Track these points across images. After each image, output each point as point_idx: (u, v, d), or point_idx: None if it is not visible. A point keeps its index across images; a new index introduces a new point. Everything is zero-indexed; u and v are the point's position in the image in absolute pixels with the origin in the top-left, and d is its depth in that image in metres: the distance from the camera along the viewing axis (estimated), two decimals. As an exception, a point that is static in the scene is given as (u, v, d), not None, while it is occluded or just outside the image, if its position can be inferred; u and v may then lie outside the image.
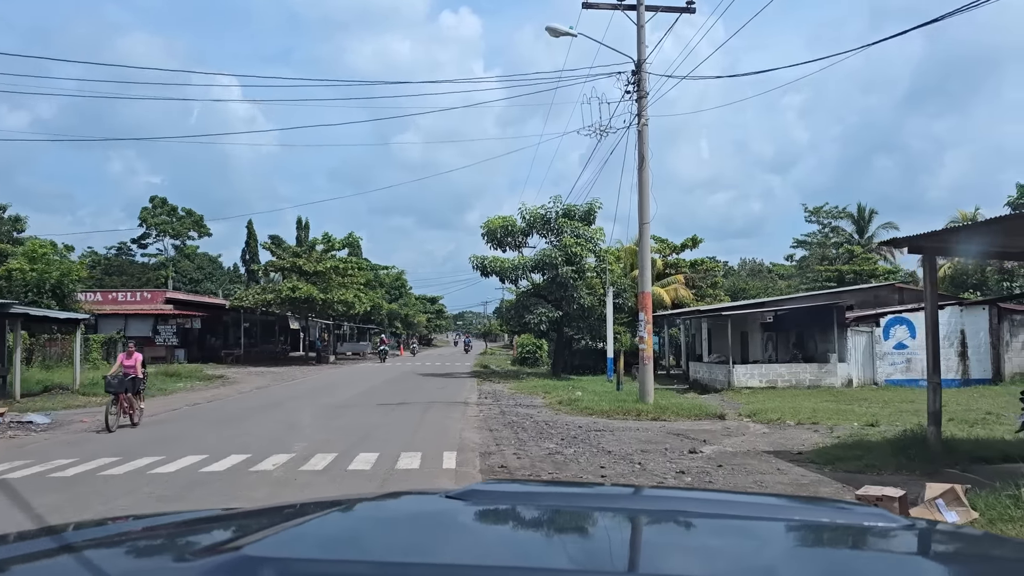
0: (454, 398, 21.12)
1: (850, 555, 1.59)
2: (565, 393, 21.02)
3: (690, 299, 43.02)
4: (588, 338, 35.72)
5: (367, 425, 14.76)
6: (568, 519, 1.75)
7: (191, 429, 14.62)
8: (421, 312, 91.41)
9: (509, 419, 15.83)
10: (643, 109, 17.48)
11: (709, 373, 26.59)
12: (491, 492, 1.88)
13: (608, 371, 29.63)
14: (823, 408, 17.43)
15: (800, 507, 2.07)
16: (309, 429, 14.27)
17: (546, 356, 41.08)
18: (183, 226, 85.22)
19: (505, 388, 25.58)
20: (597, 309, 31.30)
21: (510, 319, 32.12)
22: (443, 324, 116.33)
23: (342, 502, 1.83)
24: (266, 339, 60.98)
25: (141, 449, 11.77)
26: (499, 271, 31.20)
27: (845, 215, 64.62)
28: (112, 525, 1.77)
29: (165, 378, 30.08)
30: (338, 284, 47.90)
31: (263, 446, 11.91)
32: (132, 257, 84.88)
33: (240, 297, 46.50)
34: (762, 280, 72.59)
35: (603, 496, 2.09)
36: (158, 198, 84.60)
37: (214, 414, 17.53)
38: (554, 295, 31.14)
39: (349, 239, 53.10)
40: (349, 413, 17.11)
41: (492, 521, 1.74)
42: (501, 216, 32.01)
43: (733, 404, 19.71)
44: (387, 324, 73.78)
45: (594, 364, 36.35)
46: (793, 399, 20.29)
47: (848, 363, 24.30)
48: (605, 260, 31.51)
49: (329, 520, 1.64)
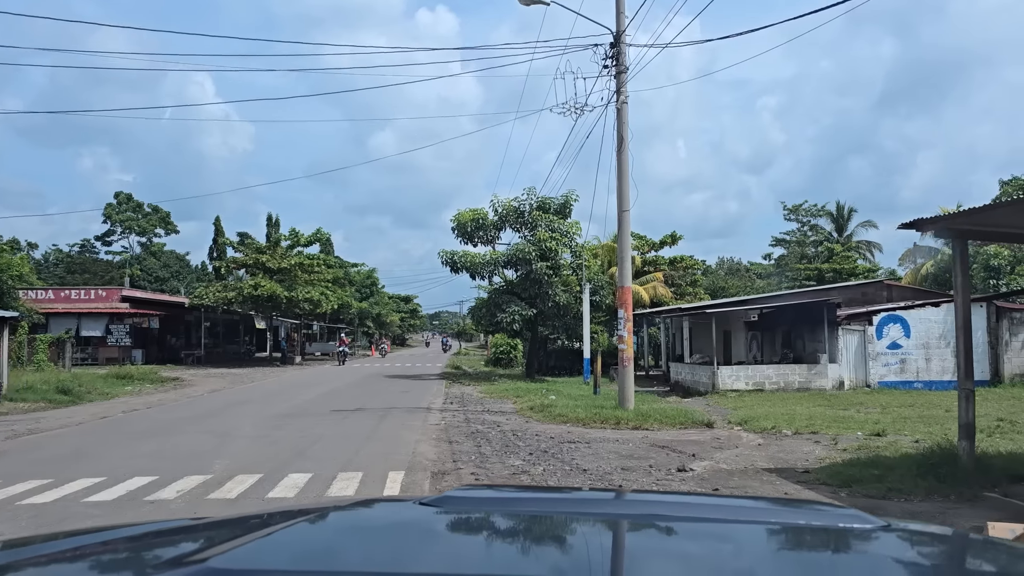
0: (417, 403, 19.34)
1: (829, 557, 1.58)
2: (538, 397, 19.32)
3: (669, 297, 41.63)
4: (564, 338, 34.06)
5: (311, 437, 12.95)
6: (546, 526, 1.73)
7: (104, 442, 12.71)
8: (394, 311, 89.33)
9: (473, 428, 14.09)
10: (622, 85, 15.82)
11: (692, 375, 25.02)
12: (466, 498, 1.87)
13: (584, 373, 27.98)
14: (819, 414, 15.87)
15: (778, 509, 2.04)
16: (243, 442, 12.43)
17: (521, 357, 39.36)
18: (149, 223, 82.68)
19: (475, 391, 23.84)
20: (573, 307, 29.65)
21: (481, 318, 30.35)
22: (417, 324, 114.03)
23: (311, 511, 1.79)
24: (231, 339, 58.72)
25: (30, 469, 9.88)
26: (470, 267, 29.41)
27: (824, 213, 64.34)
28: (68, 540, 1.62)
29: (115, 380, 28.04)
30: (304, 282, 45.87)
31: (177, 466, 10.07)
32: (96, 255, 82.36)
33: (200, 295, 44.23)
34: (740, 279, 72.11)
35: (582, 501, 2.06)
36: (123, 194, 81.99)
37: (144, 423, 15.61)
38: (528, 292, 29.44)
39: (317, 235, 50.86)
40: (296, 422, 15.28)
41: (468, 529, 1.69)
42: (472, 209, 30.24)
43: (720, 410, 18.12)
44: (358, 323, 71.67)
45: (570, 365, 34.73)
46: (784, 403, 18.75)
47: (839, 364, 22.83)
48: (582, 255, 29.85)
49: (297, 530, 1.59)
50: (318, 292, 45.16)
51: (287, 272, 45.36)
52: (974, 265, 42.18)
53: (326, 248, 77.62)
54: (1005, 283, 42.09)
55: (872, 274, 51.74)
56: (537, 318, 29.98)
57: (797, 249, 67.07)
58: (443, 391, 23.98)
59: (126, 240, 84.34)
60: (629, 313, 15.68)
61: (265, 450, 11.52)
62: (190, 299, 45.34)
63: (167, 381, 30.27)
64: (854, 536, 1.60)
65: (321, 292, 45.90)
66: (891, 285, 30.51)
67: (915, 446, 11.46)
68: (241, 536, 1.50)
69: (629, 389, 15.65)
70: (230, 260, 47.81)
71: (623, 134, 15.76)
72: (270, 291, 42.68)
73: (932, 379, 22.72)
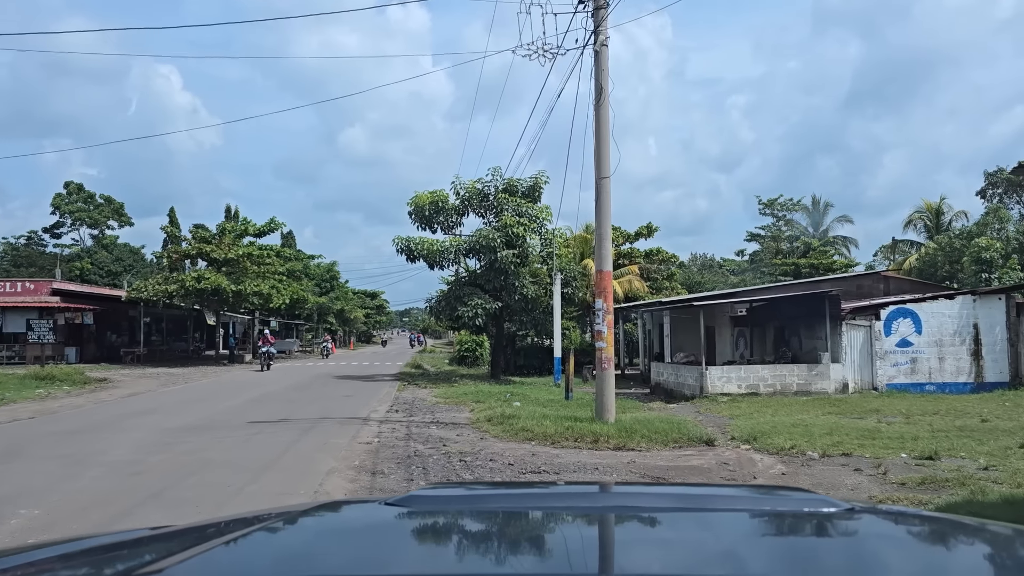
0: (356, 411, 16.23)
1: (798, 541, 1.58)
2: (499, 404, 16.29)
3: (645, 292, 38.92)
4: (533, 334, 31.13)
5: (194, 464, 9.82)
6: (516, 522, 1.70)
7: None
8: (359, 307, 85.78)
9: (412, 449, 11.04)
10: (601, 23, 12.86)
11: (675, 376, 22.18)
12: (433, 497, 1.84)
13: (555, 373, 25.04)
14: (836, 426, 13.06)
15: (747, 496, 2.04)
16: (98, 472, 9.28)
17: (487, 355, 36.30)
18: (101, 214, 78.13)
19: (429, 395, 20.78)
20: (543, 300, 26.70)
21: (440, 312, 27.23)
22: (384, 320, 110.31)
23: (271, 516, 1.74)
24: (179, 336, 55.04)
25: None
26: (427, 255, 26.27)
27: (800, 208, 62.86)
28: (12, 557, 1.49)
29: (32, 381, 24.76)
30: (255, 274, 42.40)
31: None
32: (44, 247, 77.92)
33: (138, 288, 40.59)
34: (714, 275, 70.24)
35: (552, 495, 2.04)
36: (74, 184, 77.45)
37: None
38: (492, 284, 26.41)
39: (271, 224, 47.12)
40: (193, 439, 12.14)
41: (435, 528, 1.66)
42: (431, 191, 27.10)
43: (715, 419, 15.28)
44: (317, 319, 68.13)
45: (540, 364, 31.78)
46: (787, 411, 15.96)
47: (843, 364, 20.12)
48: (552, 242, 26.87)
49: (258, 536, 1.56)
50: (268, 285, 41.72)
51: (235, 264, 41.88)
52: (963, 258, 39.94)
53: (288, 241, 73.97)
54: (996, 276, 39.75)
55: (849, 269, 50.01)
56: (503, 312, 26.97)
57: (772, 244, 66.20)
58: (393, 395, 20.88)
59: (77, 232, 79.97)
60: (610, 303, 12.74)
61: (116, 486, 8.39)
62: (127, 293, 41.62)
63: (91, 383, 26.99)
64: (822, 520, 1.61)
65: (272, 285, 42.47)
66: (888, 277, 27.99)
67: (988, 475, 8.69)
68: (199, 545, 1.42)
69: (609, 397, 12.70)
70: (171, 250, 44.09)
71: (602, 83, 12.81)
72: (215, 284, 39.20)
73: (946, 381, 20.10)
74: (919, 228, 52.16)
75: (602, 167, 12.87)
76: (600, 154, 12.87)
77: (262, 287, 41.01)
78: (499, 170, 27.14)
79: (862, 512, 1.71)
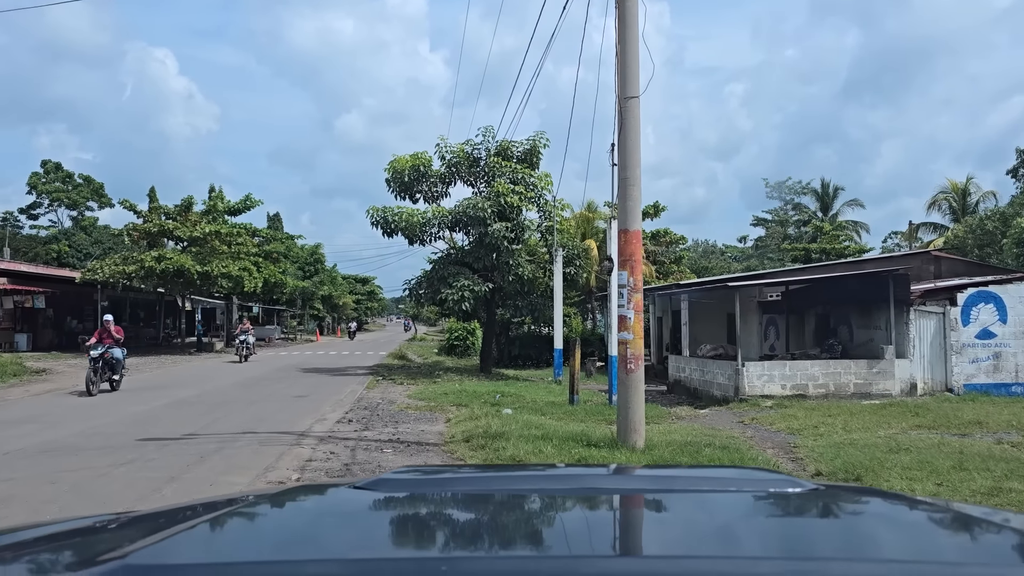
0: (295, 422, 12.36)
1: (767, 520, 1.58)
2: (484, 414, 12.37)
3: (651, 276, 35.08)
4: (529, 321, 27.28)
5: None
6: (483, 506, 1.68)
7: None
8: (348, 293, 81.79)
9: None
10: None
11: (702, 373, 18.37)
12: (403, 480, 1.82)
13: (556, 368, 21.23)
14: (955, 453, 9.24)
15: (717, 477, 2.03)
16: None
17: (479, 344, 32.47)
18: (80, 195, 73.94)
19: (402, 395, 16.95)
20: (541, 282, 22.84)
21: (421, 295, 23.33)
22: (375, 307, 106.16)
23: (239, 500, 1.71)
24: (150, 322, 51.15)
25: None
26: (406, 227, 22.34)
27: (808, 191, 59.74)
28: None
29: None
30: (225, 255, 38.43)
31: None
32: (20, 229, 74.02)
33: (93, 269, 36.60)
34: (716, 261, 67.16)
35: (519, 478, 2.02)
36: (51, 163, 73.17)
37: None
38: (482, 262, 22.52)
39: (246, 202, 43.10)
40: (32, 470, 8.32)
41: (404, 511, 1.63)
42: (412, 154, 23.18)
43: (770, 434, 11.49)
44: (300, 305, 64.19)
45: (536, 355, 28.00)
46: (861, 422, 12.16)
47: (910, 359, 16.33)
48: (553, 215, 22.94)
49: (225, 520, 1.53)
50: (238, 267, 37.78)
51: (203, 243, 37.96)
52: (1004, 240, 36.41)
53: (274, 224, 69.91)
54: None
55: (861, 255, 46.77)
56: (494, 296, 23.09)
57: (779, 229, 63.54)
58: (357, 395, 17.01)
59: (54, 214, 75.95)
60: (638, 277, 8.86)
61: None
62: (82, 274, 37.61)
63: (26, 374, 23.49)
64: (789, 499, 1.63)
65: (243, 267, 38.53)
66: (940, 257, 24.12)
67: None
68: (165, 529, 1.39)
69: (637, 411, 8.81)
70: (130, 227, 40.08)
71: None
72: (177, 264, 35.30)
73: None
74: (944, 210, 48.75)
75: (628, 83, 9.00)
76: (625, 65, 8.99)
77: (231, 268, 37.10)
78: (491, 130, 23.20)
79: (829, 490, 1.76)
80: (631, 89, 8.97)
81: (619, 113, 9.02)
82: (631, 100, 8.93)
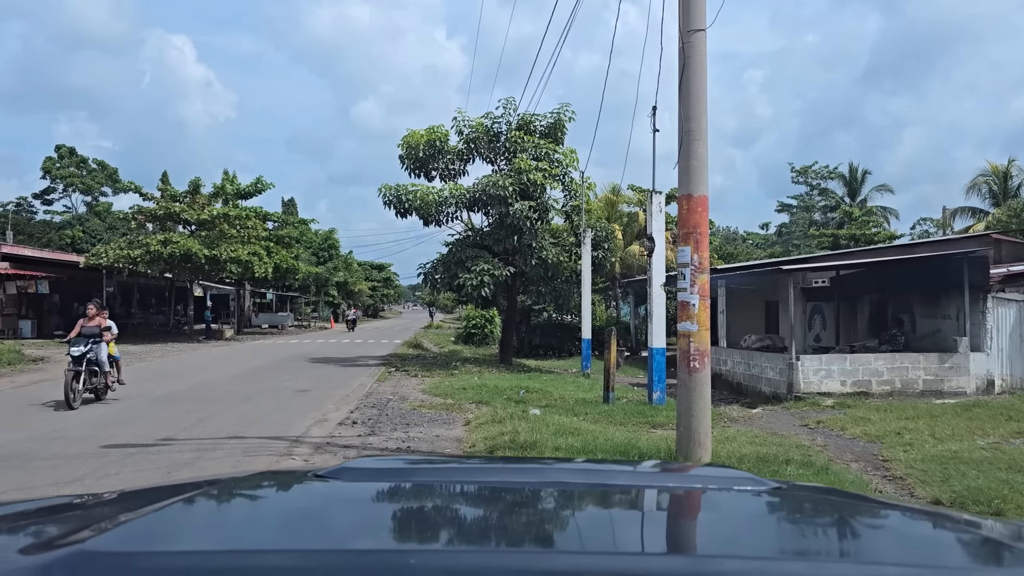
0: (291, 424, 10.74)
1: (725, 518, 1.53)
2: (509, 413, 10.69)
3: (674, 261, 33.29)
4: (552, 308, 25.57)
5: None
6: (443, 495, 1.65)
7: None
8: (363, 279, 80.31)
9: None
10: None
11: (747, 367, 16.59)
12: (364, 469, 1.76)
13: (584, 359, 19.52)
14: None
15: (679, 474, 2.02)
16: None
17: (499, 332, 30.78)
18: (95, 180, 72.88)
19: (416, 389, 15.32)
20: (567, 266, 21.08)
21: (437, 281, 21.62)
22: (391, 294, 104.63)
23: (200, 484, 1.66)
24: (160, 308, 49.90)
25: None
26: (420, 207, 20.64)
27: (836, 175, 57.62)
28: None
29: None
30: (234, 239, 36.94)
31: None
32: (35, 214, 73.22)
33: (97, 253, 35.23)
34: (738, 247, 65.39)
35: (481, 470, 1.96)
36: (65, 147, 72.09)
37: None
38: (503, 244, 20.78)
39: (257, 185, 41.56)
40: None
41: (367, 500, 1.58)
42: (428, 128, 21.46)
43: (845, 442, 9.74)
44: (316, 291, 62.74)
45: (559, 344, 26.29)
46: (948, 427, 10.37)
47: (987, 353, 14.48)
48: (579, 194, 21.14)
49: (184, 506, 1.48)
50: (247, 251, 36.26)
51: (210, 226, 36.51)
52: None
53: (289, 209, 68.47)
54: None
55: (891, 241, 44.83)
56: (515, 281, 21.37)
57: (804, 215, 61.70)
58: (366, 389, 15.39)
59: (68, 199, 74.96)
60: (704, 253, 7.14)
61: None
62: (87, 259, 36.25)
63: (21, 363, 22.20)
64: (749, 496, 1.59)
65: (252, 251, 37.02)
66: (1001, 240, 22.12)
67: None
68: (124, 513, 1.38)
69: (703, 421, 7.06)
70: (136, 209, 38.65)
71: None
72: (184, 248, 33.86)
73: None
74: (983, 193, 46.49)
75: (692, 15, 7.22)
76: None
77: (240, 253, 35.60)
78: (512, 102, 21.44)
79: (791, 489, 1.71)
80: (696, 20, 7.20)
81: (681, 50, 7.25)
82: (696, 33, 7.16)
